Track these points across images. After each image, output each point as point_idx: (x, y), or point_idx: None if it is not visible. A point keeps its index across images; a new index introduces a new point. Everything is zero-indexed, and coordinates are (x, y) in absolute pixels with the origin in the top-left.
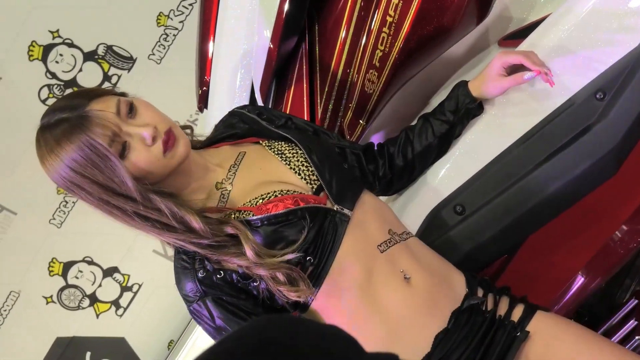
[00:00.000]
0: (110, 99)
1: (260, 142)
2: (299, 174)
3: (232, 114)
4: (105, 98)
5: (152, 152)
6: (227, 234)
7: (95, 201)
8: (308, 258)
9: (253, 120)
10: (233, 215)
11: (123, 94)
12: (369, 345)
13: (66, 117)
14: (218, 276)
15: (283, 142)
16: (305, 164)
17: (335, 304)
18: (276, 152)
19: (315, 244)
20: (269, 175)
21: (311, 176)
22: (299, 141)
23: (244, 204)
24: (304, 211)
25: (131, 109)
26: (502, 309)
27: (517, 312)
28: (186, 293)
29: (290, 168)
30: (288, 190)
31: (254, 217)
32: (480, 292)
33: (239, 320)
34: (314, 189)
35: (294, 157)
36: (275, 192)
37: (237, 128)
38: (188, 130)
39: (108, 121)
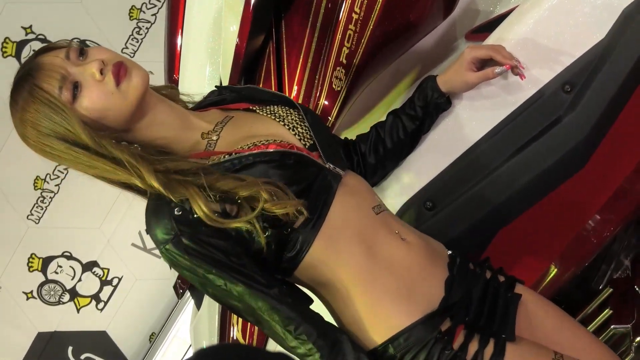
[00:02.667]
0: (60, 50)
1: (251, 107)
2: (293, 130)
3: (219, 87)
4: (55, 51)
5: (105, 86)
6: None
7: (69, 160)
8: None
9: (244, 87)
10: (222, 158)
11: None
12: (387, 297)
13: (18, 76)
14: (195, 215)
15: (276, 106)
16: (300, 122)
17: (336, 259)
18: (269, 113)
19: (308, 194)
20: (260, 130)
21: (305, 134)
22: (295, 102)
23: (234, 149)
24: (298, 157)
25: (82, 53)
26: (487, 274)
27: (501, 279)
28: (158, 233)
29: (284, 125)
30: (282, 140)
31: (246, 154)
32: None
33: (215, 262)
34: (306, 147)
35: (288, 116)
36: (268, 140)
37: (225, 95)
38: (171, 89)
39: (55, 65)
